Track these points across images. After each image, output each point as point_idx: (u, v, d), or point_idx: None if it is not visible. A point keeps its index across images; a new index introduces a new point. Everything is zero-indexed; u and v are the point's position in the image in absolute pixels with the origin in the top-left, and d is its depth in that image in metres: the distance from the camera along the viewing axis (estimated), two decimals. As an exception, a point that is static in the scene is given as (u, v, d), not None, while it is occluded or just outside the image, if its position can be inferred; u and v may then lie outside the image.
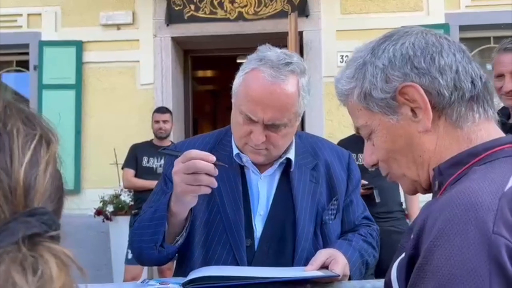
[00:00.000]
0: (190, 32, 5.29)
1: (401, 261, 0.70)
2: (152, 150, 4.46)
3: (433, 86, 0.78)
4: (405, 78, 0.79)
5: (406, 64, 0.79)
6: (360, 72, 0.84)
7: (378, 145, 0.85)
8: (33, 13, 5.38)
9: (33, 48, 5.33)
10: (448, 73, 0.78)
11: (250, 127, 1.26)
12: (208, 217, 1.32)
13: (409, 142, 0.81)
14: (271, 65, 1.23)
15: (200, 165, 1.13)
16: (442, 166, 0.78)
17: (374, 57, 0.82)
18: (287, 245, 1.31)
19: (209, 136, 1.44)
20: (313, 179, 1.37)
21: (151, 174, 4.36)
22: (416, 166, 0.82)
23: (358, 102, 0.85)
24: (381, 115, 0.82)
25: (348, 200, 1.41)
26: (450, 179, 0.76)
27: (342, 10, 5.21)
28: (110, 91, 5.29)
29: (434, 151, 0.80)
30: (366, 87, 0.83)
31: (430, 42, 0.80)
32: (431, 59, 0.78)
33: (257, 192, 1.35)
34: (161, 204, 1.26)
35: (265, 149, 1.29)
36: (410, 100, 0.79)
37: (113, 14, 5.28)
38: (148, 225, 1.27)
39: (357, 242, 1.35)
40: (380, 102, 0.81)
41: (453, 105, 0.78)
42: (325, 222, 1.35)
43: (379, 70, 0.81)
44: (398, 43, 0.81)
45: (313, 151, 1.42)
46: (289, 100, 1.24)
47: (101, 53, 5.32)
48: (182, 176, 1.14)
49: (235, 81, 1.31)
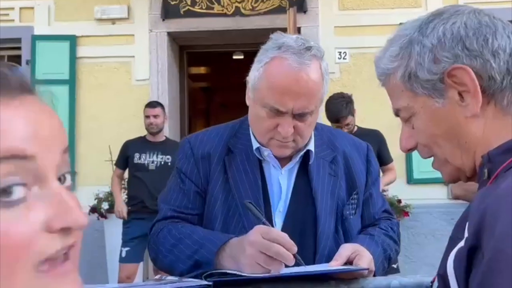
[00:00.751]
0: (186, 27, 5.22)
1: (459, 252, 0.66)
2: (144, 146, 4.35)
3: (485, 70, 0.73)
4: (456, 60, 0.74)
5: (457, 45, 0.74)
6: (405, 51, 0.79)
7: (420, 128, 0.81)
8: (26, 6, 5.28)
9: (25, 43, 5.23)
10: (501, 56, 0.73)
11: (276, 120, 1.19)
12: (227, 215, 1.26)
13: (454, 127, 0.77)
14: (293, 51, 1.17)
15: (282, 253, 1.03)
16: (492, 153, 0.74)
17: (422, 36, 0.77)
18: (308, 242, 1.25)
19: (223, 128, 1.37)
20: (332, 172, 1.31)
21: (142, 171, 4.27)
22: (461, 152, 0.78)
23: (401, 82, 0.80)
24: (426, 98, 0.77)
25: (368, 193, 1.36)
26: (502, 166, 0.71)
27: (340, 6, 5.18)
28: (105, 87, 5.20)
29: (482, 137, 0.75)
30: (411, 67, 0.78)
31: (483, 22, 0.75)
32: (484, 40, 0.73)
33: (278, 188, 1.29)
34: (207, 250, 1.15)
35: (292, 141, 1.23)
36: (458, 83, 0.74)
37: (108, 8, 5.19)
38: (184, 260, 1.18)
39: (379, 237, 1.30)
40: (426, 83, 0.77)
41: (504, 90, 0.73)
42: (345, 218, 1.30)
43: (427, 50, 0.76)
44: (448, 22, 0.76)
45: (331, 143, 1.36)
46: (316, 86, 1.18)
47: (95, 48, 5.23)
48: (257, 253, 1.05)
49: (252, 75, 1.24)
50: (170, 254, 1.22)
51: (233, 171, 1.28)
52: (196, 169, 1.30)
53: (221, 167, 1.29)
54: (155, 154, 4.32)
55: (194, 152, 1.32)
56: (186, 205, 1.30)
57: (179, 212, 1.30)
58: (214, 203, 1.27)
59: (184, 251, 1.19)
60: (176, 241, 1.22)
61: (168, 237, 1.25)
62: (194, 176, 1.30)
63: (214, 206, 1.27)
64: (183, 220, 1.29)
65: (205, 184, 1.29)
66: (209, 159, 1.30)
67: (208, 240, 1.17)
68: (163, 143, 4.41)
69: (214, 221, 1.26)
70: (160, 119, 4.39)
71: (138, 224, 4.20)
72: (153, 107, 4.42)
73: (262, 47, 1.25)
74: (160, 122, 4.39)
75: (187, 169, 1.31)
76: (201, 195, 1.30)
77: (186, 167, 1.32)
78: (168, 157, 4.29)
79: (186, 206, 1.30)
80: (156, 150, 4.32)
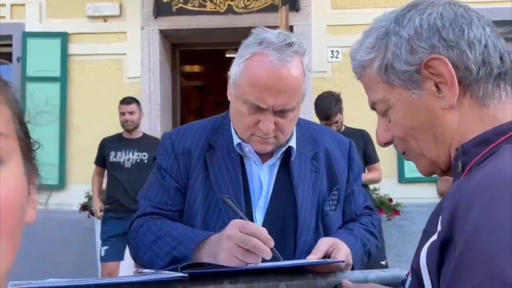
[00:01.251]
0: (178, 25, 5.21)
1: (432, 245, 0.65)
2: (120, 143, 4.26)
3: (461, 60, 0.73)
4: (432, 50, 0.73)
5: (434, 35, 0.73)
6: (382, 42, 0.78)
7: (397, 121, 0.80)
8: (17, 3, 5.25)
9: (16, 40, 5.20)
10: (477, 47, 0.73)
11: (257, 116, 1.18)
12: (207, 211, 1.25)
13: (430, 119, 0.76)
14: (274, 47, 1.15)
15: (259, 246, 1.03)
16: (466, 145, 0.73)
17: (399, 26, 0.76)
18: (289, 238, 1.25)
19: (205, 123, 1.36)
20: (313, 168, 1.31)
21: (118, 169, 4.20)
22: (436, 145, 0.77)
23: (377, 74, 0.79)
24: (402, 89, 0.77)
25: (350, 189, 1.36)
26: (476, 158, 0.71)
27: (333, 5, 5.18)
28: (96, 84, 5.18)
29: (458, 129, 0.75)
30: (388, 58, 0.77)
31: (459, 13, 0.75)
32: (461, 31, 0.73)
33: (259, 183, 1.28)
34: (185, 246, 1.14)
35: (274, 137, 1.22)
36: (435, 74, 0.74)
37: (100, 6, 5.17)
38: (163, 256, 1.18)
39: (359, 231, 1.29)
40: (403, 75, 0.76)
41: (480, 82, 0.73)
42: (326, 213, 1.29)
43: (403, 40, 0.75)
44: (425, 13, 0.75)
45: (313, 139, 1.35)
46: (297, 82, 1.17)
47: (87, 45, 5.21)
48: (234, 246, 1.05)
49: (233, 70, 1.22)
50: (149, 250, 1.22)
51: (213, 167, 1.27)
52: (176, 165, 1.29)
53: (202, 163, 1.28)
54: (131, 152, 4.24)
55: (174, 148, 1.30)
56: (166, 201, 1.29)
57: (159, 208, 1.29)
58: (195, 199, 1.26)
59: (163, 248, 1.18)
60: (155, 238, 1.21)
61: (147, 233, 1.24)
62: (175, 172, 1.29)
63: (194, 202, 1.26)
64: (163, 216, 1.28)
65: (185, 180, 1.28)
66: (190, 155, 1.29)
67: (186, 237, 1.17)
68: (139, 140, 4.32)
69: (194, 217, 1.25)
70: (135, 115, 4.27)
71: (115, 223, 4.17)
72: (128, 103, 4.29)
73: (243, 42, 1.23)
74: (136, 118, 4.28)
75: (167, 165, 1.30)
76: (181, 191, 1.29)
77: (167, 163, 1.30)
78: (145, 154, 4.22)
79: (166, 202, 1.29)
80: (132, 148, 4.24)
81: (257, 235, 1.04)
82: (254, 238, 1.04)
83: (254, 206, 1.27)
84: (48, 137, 5.07)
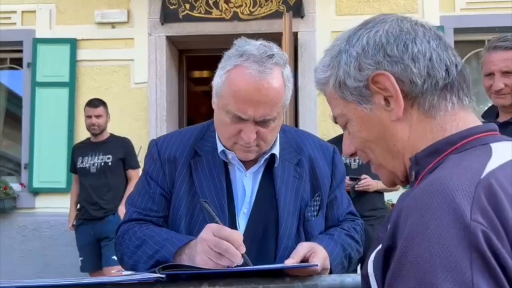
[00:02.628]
0: (185, 31, 5.28)
1: (378, 253, 0.69)
2: (86, 149, 4.12)
3: (406, 74, 0.76)
4: (378, 66, 0.77)
5: (379, 52, 0.77)
6: (335, 61, 0.83)
7: (354, 134, 0.84)
8: (28, 10, 5.36)
9: (27, 46, 5.31)
10: (421, 60, 0.76)
11: (239, 126, 1.22)
12: (192, 216, 1.29)
13: (382, 131, 0.80)
14: (254, 59, 1.19)
15: (231, 250, 1.08)
16: (418, 155, 0.77)
17: (349, 45, 0.81)
18: (270, 243, 1.29)
19: (191, 130, 1.40)
20: (296, 175, 1.34)
21: (85, 175, 4.08)
22: (392, 156, 0.81)
23: (333, 91, 0.84)
24: (355, 104, 0.81)
25: (333, 195, 1.39)
26: (427, 168, 0.75)
27: (337, 11, 5.21)
28: (104, 90, 5.26)
29: (408, 140, 0.78)
30: (340, 76, 0.81)
31: (404, 29, 0.78)
32: (404, 46, 0.77)
33: (242, 190, 1.32)
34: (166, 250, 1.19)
35: (256, 146, 1.26)
36: (382, 89, 0.78)
37: (108, 12, 5.26)
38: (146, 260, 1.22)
39: (339, 236, 1.33)
40: (354, 91, 0.80)
41: (426, 94, 0.76)
42: (307, 219, 1.33)
43: (352, 59, 0.80)
44: (372, 31, 0.80)
45: (297, 146, 1.39)
46: (278, 94, 1.21)
47: (95, 51, 5.30)
48: (208, 249, 1.10)
49: (216, 81, 1.27)
50: (134, 255, 1.26)
51: (198, 173, 1.31)
52: (162, 172, 1.33)
53: (187, 170, 1.32)
54: (96, 156, 4.09)
55: (160, 155, 1.34)
56: (151, 208, 1.32)
57: (144, 214, 1.33)
58: (179, 205, 1.30)
59: (147, 252, 1.23)
60: (140, 243, 1.25)
61: (132, 238, 1.28)
62: (160, 178, 1.33)
63: (179, 208, 1.30)
64: (148, 222, 1.32)
65: (170, 187, 1.32)
66: (175, 162, 1.33)
67: (169, 241, 1.21)
68: (105, 142, 4.15)
69: (179, 222, 1.29)
70: (102, 119, 4.08)
71: (85, 230, 4.10)
72: (95, 106, 4.08)
73: (225, 53, 1.27)
74: (103, 122, 4.09)
75: (153, 172, 1.34)
76: (166, 198, 1.33)
77: (153, 170, 1.35)
78: (109, 156, 4.06)
79: (151, 208, 1.32)
80: (97, 151, 4.10)
81: (230, 239, 1.08)
82: (226, 242, 1.08)
83: (237, 211, 1.30)
84: (56, 141, 5.16)
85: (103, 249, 4.08)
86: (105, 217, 4.05)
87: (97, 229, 4.07)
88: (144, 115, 5.24)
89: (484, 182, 0.63)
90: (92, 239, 4.09)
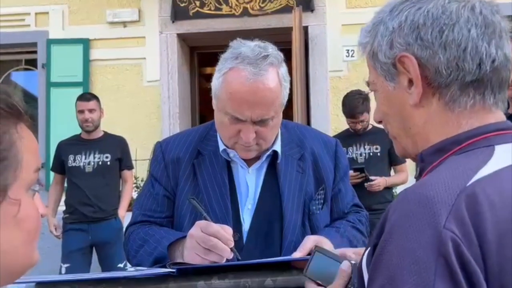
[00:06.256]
0: (195, 29, 5.32)
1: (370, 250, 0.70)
2: (79, 146, 3.77)
3: (433, 62, 0.72)
4: (407, 48, 0.74)
5: (413, 33, 0.74)
6: (374, 29, 0.80)
7: (378, 105, 0.84)
8: (41, 11, 5.45)
9: (41, 47, 5.40)
10: (453, 50, 0.71)
11: (238, 126, 1.24)
12: (195, 215, 1.31)
13: (400, 112, 0.79)
14: (249, 61, 1.20)
15: (219, 246, 1.11)
16: (424, 153, 0.77)
17: (389, 17, 0.77)
18: (275, 237, 1.31)
19: (194, 131, 1.44)
20: (299, 169, 1.36)
21: (79, 175, 3.72)
22: (406, 135, 0.81)
23: (369, 58, 0.82)
24: (383, 78, 0.80)
25: (337, 188, 1.41)
26: (430, 167, 0.74)
27: (347, 4, 5.19)
28: (117, 88, 5.33)
29: (423, 127, 0.77)
30: (375, 47, 0.79)
31: (447, 12, 0.73)
32: (440, 32, 0.72)
33: (245, 186, 1.35)
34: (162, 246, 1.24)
35: (256, 144, 1.28)
36: (408, 71, 0.75)
37: (119, 12, 5.32)
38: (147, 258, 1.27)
39: (345, 229, 1.34)
40: (383, 65, 0.78)
41: (450, 86, 0.73)
42: (312, 213, 1.35)
43: (388, 32, 0.77)
44: (415, 6, 0.75)
45: (299, 141, 1.41)
46: (273, 94, 1.23)
47: (107, 50, 5.37)
48: (196, 245, 1.14)
49: (214, 83, 1.29)
50: (137, 254, 1.31)
51: (202, 173, 1.34)
52: (166, 173, 1.37)
53: (190, 170, 1.35)
54: (92, 154, 3.76)
55: (165, 156, 1.38)
56: (155, 209, 1.37)
57: (148, 216, 1.37)
58: (183, 205, 1.33)
59: (147, 250, 1.28)
60: (142, 243, 1.30)
61: (136, 239, 1.33)
62: (164, 180, 1.37)
63: (182, 208, 1.33)
64: (152, 223, 1.36)
65: (174, 187, 1.36)
66: (179, 163, 1.36)
67: (165, 238, 1.26)
68: (100, 140, 3.83)
69: (183, 221, 1.33)
70: (96, 114, 3.75)
71: (76, 235, 3.70)
72: (87, 100, 3.75)
73: (222, 56, 1.29)
74: (96, 117, 3.75)
75: (157, 173, 1.38)
76: (170, 199, 1.37)
77: (157, 171, 1.38)
78: (107, 155, 3.77)
79: (155, 209, 1.37)
80: (93, 149, 3.77)
81: (217, 235, 1.12)
82: (214, 238, 1.12)
83: (241, 208, 1.33)
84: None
85: (104, 255, 3.81)
86: (104, 220, 3.76)
87: (96, 233, 3.74)
88: (157, 112, 5.30)
89: (468, 190, 0.63)
90: (86, 244, 3.74)
